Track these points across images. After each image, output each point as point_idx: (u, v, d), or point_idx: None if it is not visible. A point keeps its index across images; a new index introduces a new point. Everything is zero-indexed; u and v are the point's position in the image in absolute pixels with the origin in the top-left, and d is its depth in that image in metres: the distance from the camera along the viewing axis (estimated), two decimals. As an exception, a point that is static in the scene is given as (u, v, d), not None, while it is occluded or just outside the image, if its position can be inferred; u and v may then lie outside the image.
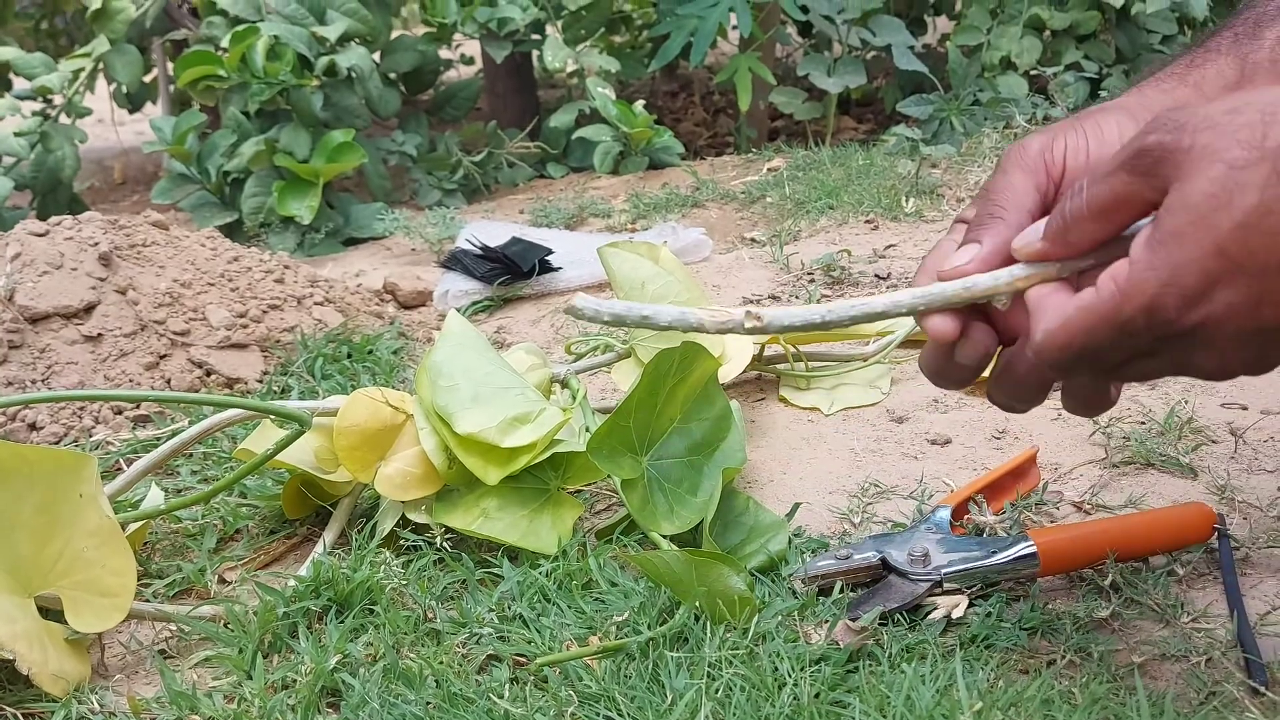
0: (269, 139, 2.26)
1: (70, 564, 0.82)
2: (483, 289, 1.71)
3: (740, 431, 0.99)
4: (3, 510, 0.80)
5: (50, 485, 0.82)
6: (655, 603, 0.82)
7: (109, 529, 0.82)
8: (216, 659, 0.83)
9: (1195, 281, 0.54)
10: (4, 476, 0.80)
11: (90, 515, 0.83)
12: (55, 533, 0.82)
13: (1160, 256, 0.55)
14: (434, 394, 0.97)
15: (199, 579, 0.95)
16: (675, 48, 2.66)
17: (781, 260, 1.70)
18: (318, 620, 0.86)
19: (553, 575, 0.88)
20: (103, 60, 2.47)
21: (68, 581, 0.82)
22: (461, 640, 0.82)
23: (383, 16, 2.49)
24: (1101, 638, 0.77)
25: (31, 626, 0.79)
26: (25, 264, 1.41)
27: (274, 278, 1.56)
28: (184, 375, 1.38)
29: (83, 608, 0.81)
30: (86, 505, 0.82)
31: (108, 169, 3.98)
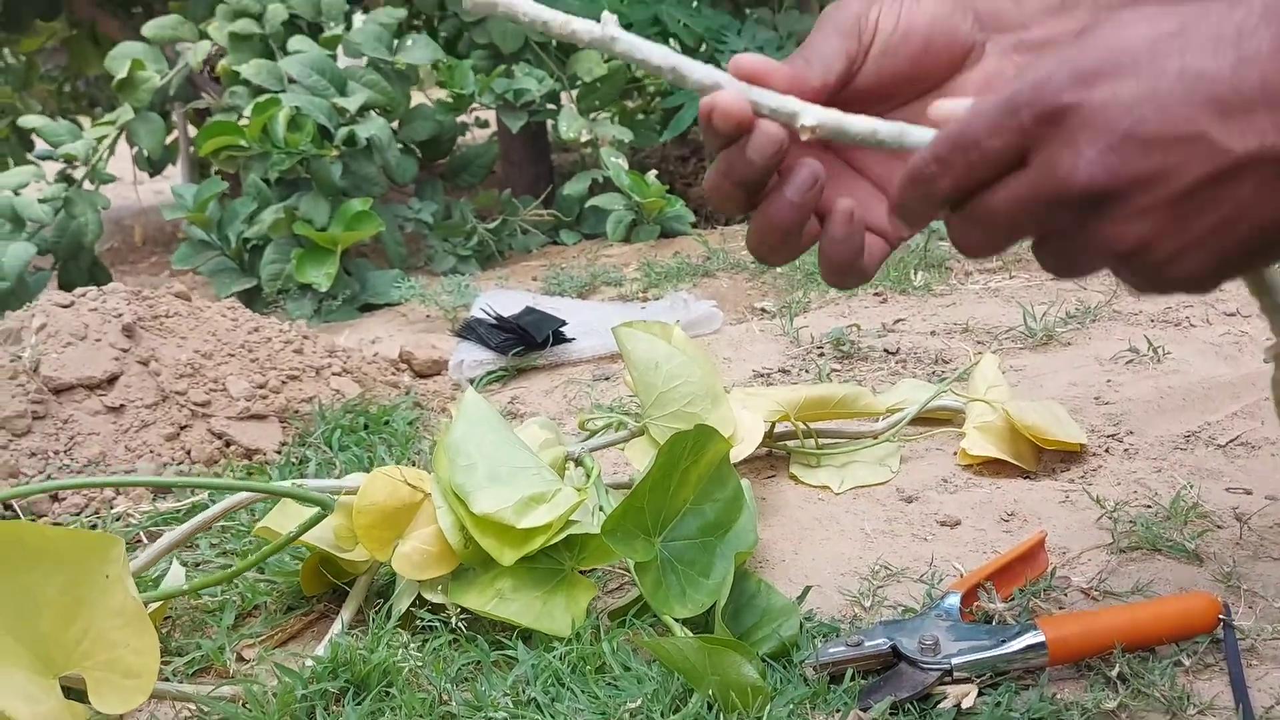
0: (288, 207, 2.30)
1: (94, 644, 0.83)
2: (497, 359, 1.73)
3: (752, 512, 1.00)
4: (29, 591, 0.81)
5: (76, 566, 0.83)
6: (669, 689, 0.83)
7: (134, 610, 0.84)
8: (235, 740, 0.84)
9: (1085, 65, 0.52)
10: (31, 557, 0.82)
11: (115, 596, 0.84)
12: (80, 613, 0.83)
13: (1051, 58, 0.54)
14: (451, 472, 0.99)
15: (218, 657, 0.96)
16: (688, 119, 2.71)
17: (791, 333, 1.72)
18: (335, 702, 0.87)
19: (567, 659, 0.89)
20: (126, 128, 2.52)
21: (91, 662, 0.83)
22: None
23: (402, 88, 2.54)
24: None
25: (55, 708, 0.80)
26: (50, 335, 1.43)
27: (293, 348, 1.59)
28: (204, 446, 1.40)
29: (106, 689, 0.82)
30: (112, 586, 0.84)
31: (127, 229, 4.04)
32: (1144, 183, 0.51)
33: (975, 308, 1.79)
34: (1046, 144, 0.52)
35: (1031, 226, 0.55)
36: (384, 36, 2.53)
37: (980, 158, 0.54)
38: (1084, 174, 0.51)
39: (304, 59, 2.40)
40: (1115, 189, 0.52)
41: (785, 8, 3.00)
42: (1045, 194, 0.53)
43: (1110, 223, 0.52)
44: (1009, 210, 0.54)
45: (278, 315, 2.22)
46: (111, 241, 3.77)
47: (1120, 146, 0.51)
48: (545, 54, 2.80)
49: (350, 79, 2.44)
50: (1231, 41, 0.50)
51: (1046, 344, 1.59)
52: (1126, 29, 0.52)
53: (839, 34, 0.65)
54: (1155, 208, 0.51)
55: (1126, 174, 0.51)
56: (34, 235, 2.36)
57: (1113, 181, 0.51)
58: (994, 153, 0.54)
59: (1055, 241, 0.56)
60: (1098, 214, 0.53)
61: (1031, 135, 0.53)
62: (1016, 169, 0.54)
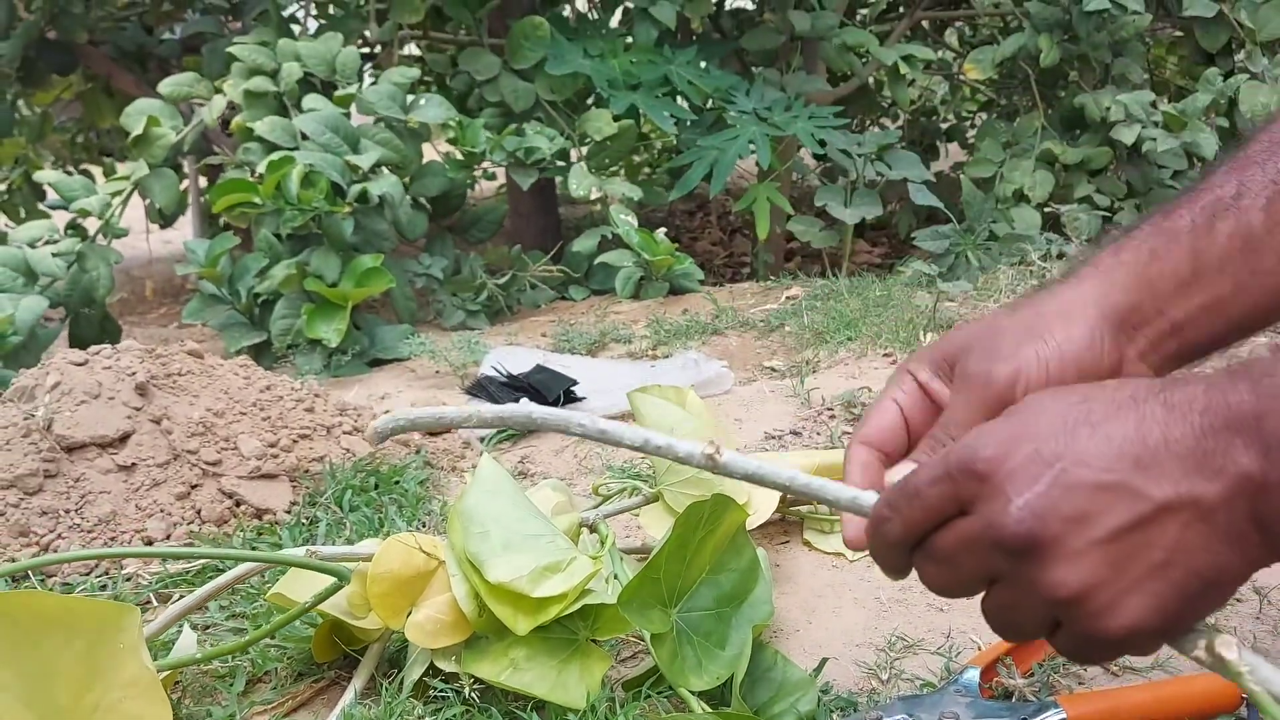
0: (300, 262, 2.31)
1: (106, 714, 0.83)
2: (507, 418, 1.73)
3: (768, 583, 0.99)
4: (46, 661, 0.81)
5: (93, 635, 0.83)
6: (686, 765, 0.82)
7: (148, 680, 0.83)
8: (246, 813, 0.83)
9: (1009, 431, 0.57)
10: (48, 627, 0.81)
11: (130, 666, 0.83)
12: (94, 682, 0.83)
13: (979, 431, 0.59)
14: (465, 540, 0.98)
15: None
16: (696, 178, 2.73)
17: (802, 395, 1.72)
18: (348, 774, 0.86)
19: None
20: (140, 184, 2.54)
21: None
22: (491, 799, 0.82)
23: (414, 146, 2.57)
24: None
25: (67, 780, 0.79)
26: (64, 393, 1.43)
27: (304, 406, 1.59)
28: (214, 505, 1.40)
29: (117, 759, 0.82)
30: (127, 656, 0.83)
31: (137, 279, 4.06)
32: (1072, 524, 0.54)
33: (985, 370, 1.79)
34: (983, 497, 0.56)
35: (977, 567, 0.58)
36: (397, 95, 2.56)
37: (922, 504, 0.59)
38: (1014, 518, 0.54)
39: (318, 117, 2.43)
40: (1045, 532, 0.54)
41: (793, 69, 3.04)
42: (986, 537, 0.56)
43: (1046, 568, 0.55)
44: (955, 548, 0.58)
45: (287, 370, 2.22)
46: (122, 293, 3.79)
47: (1046, 493, 0.54)
48: (556, 112, 2.83)
49: (363, 136, 2.47)
50: (1129, 408, 0.55)
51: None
52: (1046, 403, 0.57)
53: (983, 408, 0.67)
54: (1087, 551, 0.54)
55: (1054, 518, 0.54)
56: (46, 289, 2.37)
57: (1042, 524, 0.54)
58: (934, 498, 0.58)
59: (1000, 592, 0.58)
60: (1034, 560, 0.55)
61: (964, 488, 0.57)
62: (959, 517, 0.58)
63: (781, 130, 2.77)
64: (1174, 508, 0.53)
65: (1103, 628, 0.54)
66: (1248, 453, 0.52)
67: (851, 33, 3.05)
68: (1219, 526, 0.53)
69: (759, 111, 2.81)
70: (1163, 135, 2.76)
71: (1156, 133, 2.77)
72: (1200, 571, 0.53)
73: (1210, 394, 0.54)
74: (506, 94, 2.81)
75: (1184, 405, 0.54)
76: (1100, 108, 2.82)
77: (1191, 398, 0.54)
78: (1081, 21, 2.84)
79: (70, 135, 4.36)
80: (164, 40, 3.71)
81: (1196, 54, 3.14)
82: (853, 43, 3.04)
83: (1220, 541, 0.53)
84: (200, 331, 2.65)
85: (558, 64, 2.76)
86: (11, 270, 2.31)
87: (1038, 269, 2.25)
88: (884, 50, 3.04)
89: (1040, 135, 2.92)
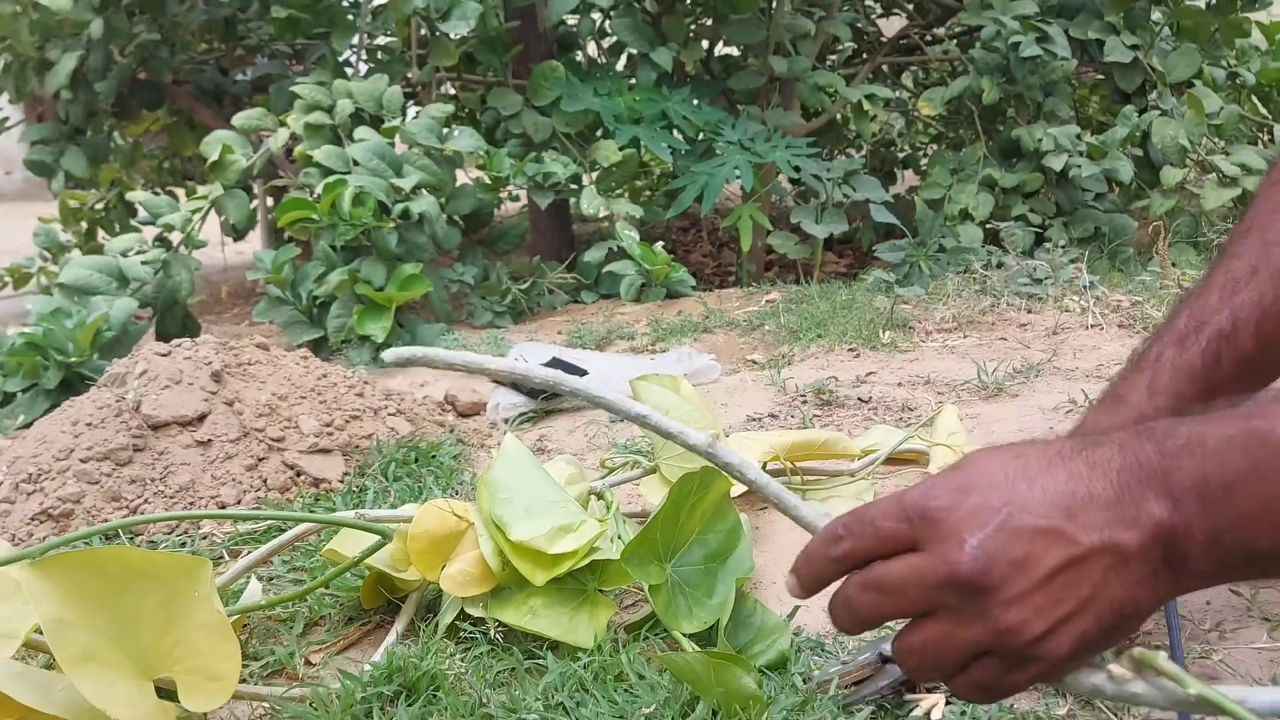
0: (351, 270, 2.30)
1: (185, 652, 0.82)
2: (528, 402, 1.72)
3: (749, 542, 0.99)
4: (131, 606, 0.81)
5: (171, 585, 0.82)
6: (678, 697, 0.81)
7: (219, 623, 0.83)
8: (304, 737, 0.83)
9: (960, 481, 0.55)
10: (134, 577, 0.81)
11: (203, 611, 0.83)
12: (173, 625, 0.82)
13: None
14: (492, 505, 0.98)
15: (289, 662, 0.95)
16: (689, 198, 2.72)
17: (779, 383, 1.71)
18: (390, 703, 0.86)
19: (590, 668, 0.88)
20: (216, 203, 2.53)
21: (181, 667, 0.82)
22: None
23: (449, 170, 2.56)
24: (1060, 737, 0.76)
25: (150, 709, 0.78)
26: (150, 379, 1.43)
27: (355, 392, 1.58)
28: (278, 476, 1.39)
29: (194, 690, 0.81)
30: (201, 602, 0.83)
31: (214, 285, 4.04)
32: (1018, 565, 0.52)
33: (935, 363, 1.78)
34: (936, 539, 0.54)
35: (919, 599, 0.55)
36: (435, 128, 2.55)
37: (875, 533, 0.56)
38: (969, 557, 0.53)
39: (367, 146, 2.42)
40: (995, 571, 0.52)
41: (773, 105, 3.02)
42: (938, 573, 0.54)
43: (995, 603, 0.52)
44: (902, 580, 0.55)
45: (340, 362, 2.21)
46: (201, 295, 3.78)
47: (995, 536, 0.53)
48: (570, 143, 2.82)
49: (406, 163, 2.45)
50: (1059, 464, 0.54)
51: (997, 395, 1.58)
52: (987, 459, 0.56)
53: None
54: (1031, 589, 0.52)
55: (1002, 558, 0.52)
56: (136, 292, 2.36)
57: (992, 563, 0.52)
58: (888, 531, 0.55)
59: (934, 625, 0.55)
60: (983, 596, 0.53)
61: (919, 528, 0.54)
62: (906, 552, 0.55)
63: (762, 158, 2.75)
64: (1100, 552, 0.52)
65: (1040, 653, 0.53)
66: (1159, 503, 0.51)
67: (822, 75, 3.03)
68: (1135, 569, 0.52)
69: (743, 142, 2.80)
70: (1086, 163, 2.75)
71: (1081, 161, 2.76)
72: (1118, 607, 0.53)
73: (1123, 453, 0.53)
74: (528, 127, 2.79)
75: (1103, 464, 0.53)
76: (1033, 139, 2.80)
77: (1109, 457, 0.53)
78: (1018, 66, 2.83)
79: (158, 161, 4.34)
80: (237, 80, 3.69)
81: (1115, 94, 3.12)
82: (823, 83, 3.02)
83: (1135, 581, 0.52)
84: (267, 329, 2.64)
85: (571, 101, 2.75)
86: (106, 275, 2.30)
87: (979, 276, 2.24)
88: (850, 90, 3.03)
89: (982, 163, 2.90)
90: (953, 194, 2.85)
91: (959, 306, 2.09)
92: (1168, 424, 0.53)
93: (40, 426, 1.44)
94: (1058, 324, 1.95)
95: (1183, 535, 0.51)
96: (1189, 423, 0.52)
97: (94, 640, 0.77)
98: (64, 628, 0.75)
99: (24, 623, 0.80)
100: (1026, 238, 2.61)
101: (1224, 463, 0.50)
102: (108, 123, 3.52)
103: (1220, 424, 0.51)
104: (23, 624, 0.80)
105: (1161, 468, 0.52)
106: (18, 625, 0.80)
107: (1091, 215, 2.80)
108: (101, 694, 0.74)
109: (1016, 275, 2.17)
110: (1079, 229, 2.77)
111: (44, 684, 0.78)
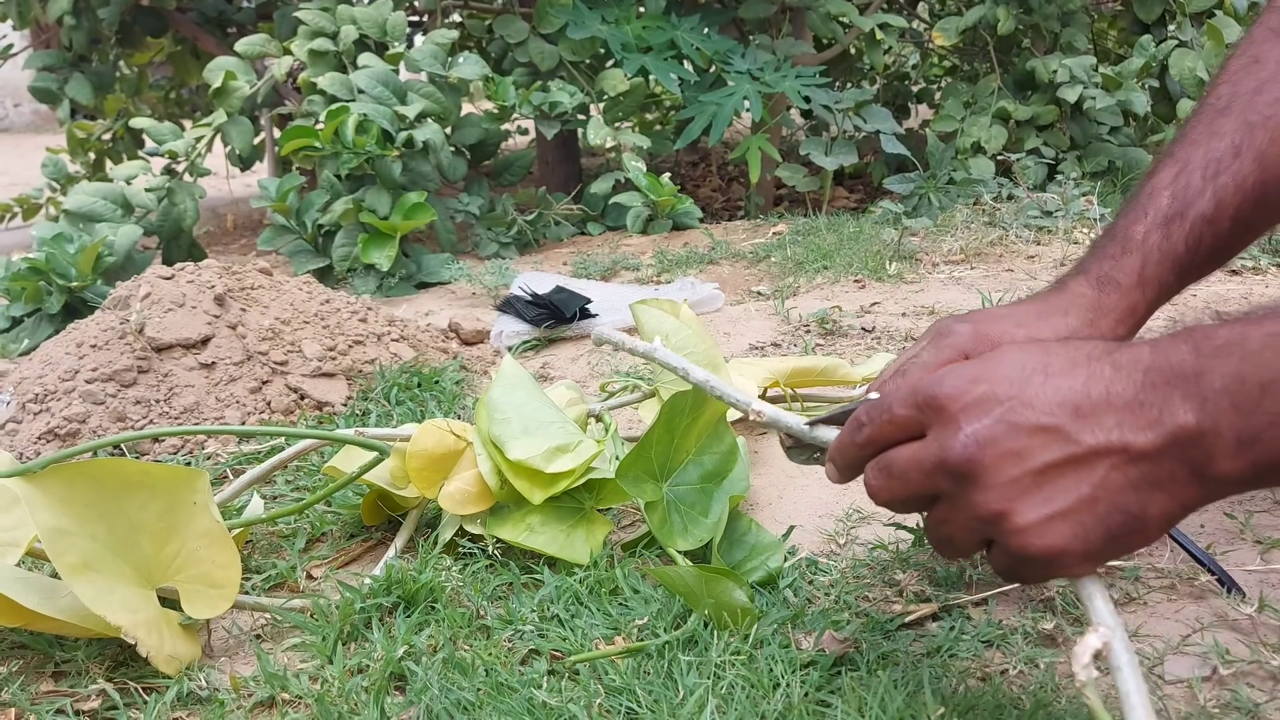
0: (356, 199, 2.29)
1: (186, 561, 0.84)
2: (531, 330, 1.72)
3: (745, 463, 0.99)
4: (130, 517, 0.82)
5: (169, 496, 0.83)
6: (671, 609, 0.82)
7: (218, 531, 0.84)
8: (304, 645, 0.84)
9: (972, 372, 0.57)
10: (130, 488, 0.82)
11: (202, 520, 0.84)
12: (173, 535, 0.84)
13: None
14: (490, 425, 0.98)
15: (290, 575, 0.96)
16: (697, 129, 2.68)
17: (783, 313, 1.71)
18: (389, 614, 0.87)
19: (585, 582, 0.88)
20: (220, 129, 2.51)
21: (183, 576, 0.83)
22: (508, 636, 0.83)
23: (454, 99, 2.52)
24: (1047, 651, 0.77)
25: (152, 615, 0.80)
26: (154, 302, 1.43)
27: (358, 318, 1.58)
28: (282, 398, 1.40)
29: (195, 598, 0.82)
30: (199, 512, 0.84)
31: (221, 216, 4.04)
32: (1008, 456, 0.53)
33: (940, 293, 1.77)
34: (939, 424, 0.56)
35: (922, 484, 0.57)
36: (439, 54, 2.51)
37: (889, 419, 0.59)
38: (960, 444, 0.54)
39: (371, 73, 2.39)
40: (984, 459, 0.54)
41: (783, 34, 2.97)
42: (932, 458, 0.56)
43: (979, 490, 0.54)
44: (907, 465, 0.57)
45: (346, 290, 2.21)
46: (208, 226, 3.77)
47: (992, 426, 0.54)
48: (577, 71, 2.77)
49: (410, 90, 2.42)
50: (1082, 365, 0.54)
51: (1001, 325, 1.57)
52: (1013, 352, 0.57)
53: (952, 354, 0.68)
54: (1017, 480, 0.53)
55: (994, 449, 0.53)
56: (141, 219, 2.36)
57: (981, 453, 0.54)
58: (900, 418, 0.58)
59: (939, 510, 0.58)
60: (970, 482, 0.54)
61: (927, 414, 0.57)
62: (917, 438, 0.58)
63: (772, 88, 2.71)
64: (1103, 452, 0.52)
65: (1027, 544, 0.54)
66: (1185, 405, 0.50)
67: (835, 3, 2.97)
68: (1147, 471, 0.51)
69: (753, 72, 2.75)
70: (1101, 95, 2.70)
71: (1096, 93, 2.70)
72: (1125, 508, 0.52)
73: (1155, 354, 0.52)
74: (534, 55, 2.75)
75: (1130, 364, 0.53)
76: (1048, 71, 2.75)
77: (1137, 357, 0.53)
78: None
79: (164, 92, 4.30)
80: (241, 8, 3.64)
81: (1134, 24, 3.05)
82: (836, 11, 2.96)
83: (1148, 484, 0.52)
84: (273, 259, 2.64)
85: (578, 29, 2.70)
86: (111, 203, 2.29)
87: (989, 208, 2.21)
88: (863, 19, 2.97)
89: (996, 95, 2.85)
90: (966, 127, 2.81)
91: (967, 238, 2.07)
92: (1208, 326, 0.52)
93: (45, 349, 1.45)
94: (1065, 256, 1.93)
95: (1210, 439, 0.50)
96: (1230, 324, 0.51)
97: (93, 549, 0.78)
98: (61, 536, 0.76)
99: (27, 532, 0.81)
100: (1039, 171, 2.57)
101: (1264, 362, 0.49)
102: (113, 50, 3.48)
103: (1264, 323, 0.50)
104: (25, 533, 0.81)
105: (1195, 369, 0.51)
106: (20, 534, 0.81)
107: (1105, 149, 2.75)
108: (101, 599, 0.75)
109: (1027, 208, 2.14)
110: (1092, 163, 2.73)
111: (48, 590, 0.79)
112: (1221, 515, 0.93)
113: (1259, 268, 1.72)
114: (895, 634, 0.80)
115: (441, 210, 2.45)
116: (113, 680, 0.80)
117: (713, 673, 0.74)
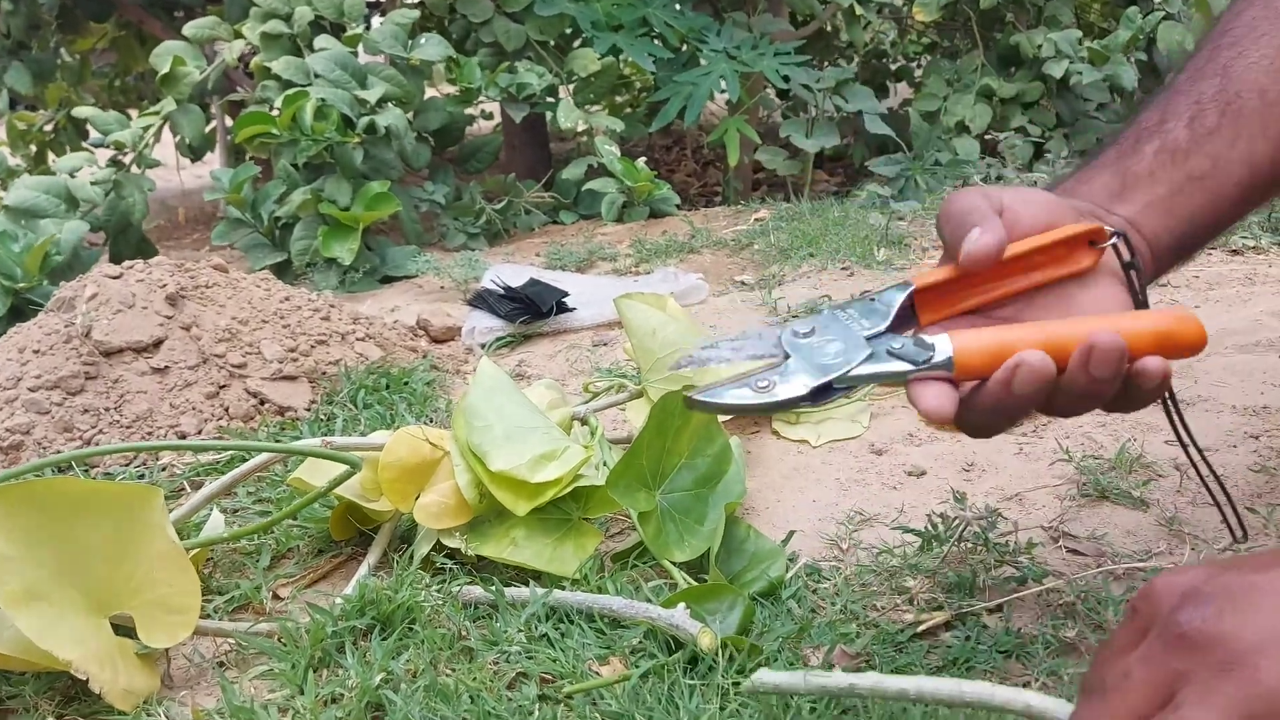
0: (315, 189, 2.23)
1: (141, 584, 0.79)
2: (505, 326, 1.68)
3: (740, 465, 0.96)
4: (78, 539, 0.77)
5: (120, 515, 0.79)
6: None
7: (175, 553, 0.80)
8: (271, 673, 0.80)
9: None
10: (80, 508, 0.78)
11: (157, 541, 0.80)
12: (126, 557, 0.79)
13: None
14: (469, 433, 0.95)
15: (255, 596, 0.92)
16: (672, 111, 2.65)
17: (770, 303, 1.68)
18: (363, 637, 0.83)
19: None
20: (169, 118, 2.44)
21: (139, 601, 0.79)
22: (493, 658, 0.79)
23: (416, 82, 2.47)
24: (1070, 661, 0.75)
25: (103, 646, 0.76)
26: (101, 303, 1.38)
27: (321, 315, 1.54)
28: (241, 404, 1.35)
29: (153, 625, 0.78)
30: (154, 532, 0.80)
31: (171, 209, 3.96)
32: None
33: (932, 280, 1.75)
34: (1191, 683, 0.44)
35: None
36: (400, 35, 2.45)
37: (1130, 686, 0.46)
38: None
39: (328, 56, 2.33)
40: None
41: (759, 11, 2.94)
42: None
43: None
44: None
45: (306, 286, 2.16)
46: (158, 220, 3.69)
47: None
48: (545, 51, 2.73)
49: (370, 74, 2.37)
50: None
51: (997, 312, 1.55)
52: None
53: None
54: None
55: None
56: (87, 214, 2.29)
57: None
58: (1139, 682, 0.46)
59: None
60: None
61: (1186, 664, 0.44)
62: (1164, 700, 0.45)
63: (749, 67, 2.68)
64: None
65: None
66: None
67: (812, -21, 2.95)
68: None
69: (729, 50, 2.72)
70: (1088, 69, 2.69)
71: (1082, 67, 2.70)
72: None
73: None
74: (499, 35, 2.70)
75: None
76: (1033, 45, 2.74)
77: None
78: (1019, -33, 2.75)
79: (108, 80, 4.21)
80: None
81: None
82: (813, -12, 2.94)
83: None
84: (228, 254, 2.58)
85: (546, 6, 2.65)
86: (54, 197, 2.23)
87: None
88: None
89: (980, 72, 2.84)
90: (949, 105, 2.79)
91: (956, 222, 2.05)
92: None
93: (-15, 355, 1.39)
94: (1059, 239, 1.91)
95: None
96: None
97: (38, 575, 0.73)
98: (3, 563, 0.71)
99: (-35, 559, 0.76)
100: (1026, 150, 2.56)
101: None
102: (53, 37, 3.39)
103: None
104: (-37, 560, 0.76)
105: None
106: (-42, 562, 0.76)
107: (1093, 126, 2.75)
108: (47, 632, 0.70)
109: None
110: (1080, 140, 2.72)
111: (-11, 623, 0.75)
112: (1244, 510, 0.91)
113: (1260, 247, 1.71)
114: (908, 646, 0.77)
115: (406, 200, 2.40)
116: (64, 717, 0.76)
117: (718, 696, 0.70)
